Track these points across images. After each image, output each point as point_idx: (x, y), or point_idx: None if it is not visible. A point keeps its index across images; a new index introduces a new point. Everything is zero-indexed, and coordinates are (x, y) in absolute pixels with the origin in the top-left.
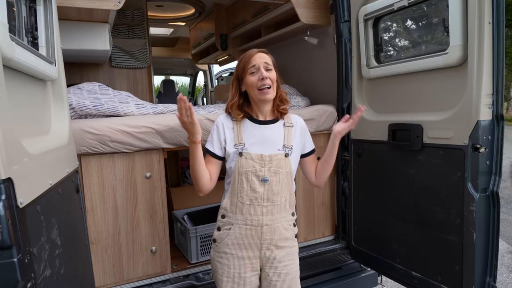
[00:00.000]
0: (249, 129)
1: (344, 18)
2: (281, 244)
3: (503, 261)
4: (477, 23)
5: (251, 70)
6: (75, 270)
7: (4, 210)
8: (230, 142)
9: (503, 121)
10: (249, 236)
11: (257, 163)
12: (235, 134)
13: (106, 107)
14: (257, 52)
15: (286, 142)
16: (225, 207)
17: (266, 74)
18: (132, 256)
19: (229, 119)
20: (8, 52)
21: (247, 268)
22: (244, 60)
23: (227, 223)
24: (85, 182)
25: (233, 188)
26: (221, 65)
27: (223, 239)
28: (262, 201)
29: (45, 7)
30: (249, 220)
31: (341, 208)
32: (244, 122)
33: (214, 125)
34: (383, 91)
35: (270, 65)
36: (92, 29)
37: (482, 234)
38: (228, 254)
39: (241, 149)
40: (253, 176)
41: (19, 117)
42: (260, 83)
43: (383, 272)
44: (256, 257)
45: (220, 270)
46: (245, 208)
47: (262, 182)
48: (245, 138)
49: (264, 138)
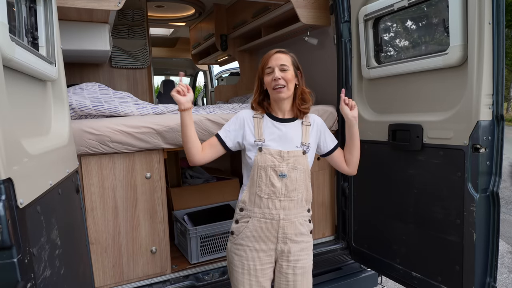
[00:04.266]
0: (269, 126)
1: (344, 19)
2: (297, 238)
3: (503, 261)
4: (477, 24)
5: (267, 71)
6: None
7: (4, 210)
8: (251, 137)
9: (503, 121)
10: (266, 229)
11: (276, 158)
12: (256, 130)
13: (106, 107)
14: (275, 53)
15: (304, 140)
16: (244, 200)
17: (278, 75)
18: (132, 256)
19: (251, 114)
20: (8, 52)
21: (263, 260)
22: (263, 61)
23: (245, 216)
24: (85, 182)
25: (252, 182)
26: (221, 66)
27: (241, 232)
28: (280, 196)
29: (45, 8)
30: (267, 213)
31: (341, 208)
32: (265, 119)
33: (237, 117)
34: (383, 92)
35: (286, 65)
36: (92, 29)
37: (482, 235)
38: (245, 246)
39: (261, 144)
40: (272, 171)
41: (19, 117)
42: (274, 83)
43: (383, 273)
44: (272, 249)
45: (236, 261)
46: (263, 201)
47: (280, 177)
48: (265, 134)
49: (283, 135)
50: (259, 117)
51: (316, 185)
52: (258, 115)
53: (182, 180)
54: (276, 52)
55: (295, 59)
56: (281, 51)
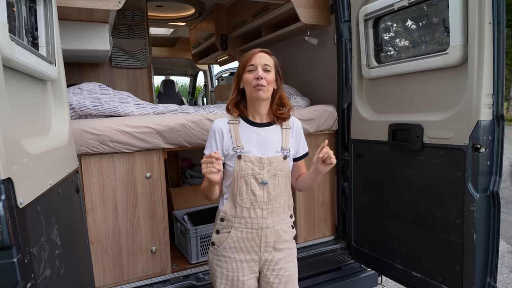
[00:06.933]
0: (247, 132)
1: (344, 18)
2: (280, 246)
3: (503, 261)
4: (478, 23)
5: (249, 68)
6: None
7: (4, 210)
8: (229, 145)
9: (503, 121)
10: (248, 239)
11: (256, 166)
12: (233, 138)
13: (106, 107)
14: (259, 52)
15: (284, 144)
16: (224, 210)
17: (261, 74)
18: (132, 256)
19: (225, 122)
20: (8, 52)
21: (247, 271)
22: (245, 58)
23: (226, 226)
24: (85, 182)
25: (232, 191)
26: (221, 65)
27: (223, 242)
28: (261, 204)
29: (45, 7)
30: (249, 223)
31: (341, 208)
32: (241, 125)
33: (212, 130)
34: (383, 91)
35: (269, 66)
36: (92, 29)
37: (483, 234)
38: (227, 258)
39: (240, 152)
40: (252, 179)
41: (19, 117)
42: (255, 82)
43: (383, 272)
44: (256, 260)
45: (218, 273)
46: (245, 211)
47: (262, 185)
48: (243, 141)
49: (262, 141)
50: (235, 123)
51: (316, 185)
52: (234, 120)
53: (182, 180)
54: (260, 51)
55: (277, 62)
56: (265, 51)
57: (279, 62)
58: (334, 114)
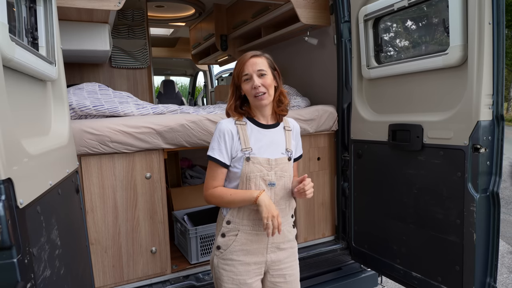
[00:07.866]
0: (255, 133)
1: (344, 19)
2: (284, 246)
3: (503, 261)
4: (477, 24)
5: (245, 77)
6: (75, 270)
7: (4, 211)
8: (238, 147)
9: (503, 121)
10: (256, 241)
11: (264, 167)
12: (241, 139)
13: (106, 107)
14: (250, 58)
15: (288, 146)
16: (231, 213)
17: (258, 83)
18: (132, 256)
19: (232, 123)
20: (8, 52)
21: (253, 273)
22: (237, 68)
23: (233, 229)
24: (85, 183)
25: None
26: (221, 66)
27: (229, 246)
28: None
29: (45, 8)
30: (257, 225)
31: (341, 209)
32: (248, 126)
33: (221, 131)
34: (383, 92)
35: (263, 70)
36: (92, 29)
37: (482, 235)
38: (234, 261)
39: (249, 154)
40: (260, 181)
41: (19, 118)
42: (254, 92)
43: (383, 273)
44: (262, 262)
45: (225, 277)
46: (253, 213)
47: (269, 186)
48: (252, 143)
49: (269, 142)
50: (242, 124)
51: (316, 185)
52: (240, 122)
53: (182, 180)
54: (251, 57)
55: (271, 60)
56: (255, 55)
57: (279, 62)
58: (334, 114)
